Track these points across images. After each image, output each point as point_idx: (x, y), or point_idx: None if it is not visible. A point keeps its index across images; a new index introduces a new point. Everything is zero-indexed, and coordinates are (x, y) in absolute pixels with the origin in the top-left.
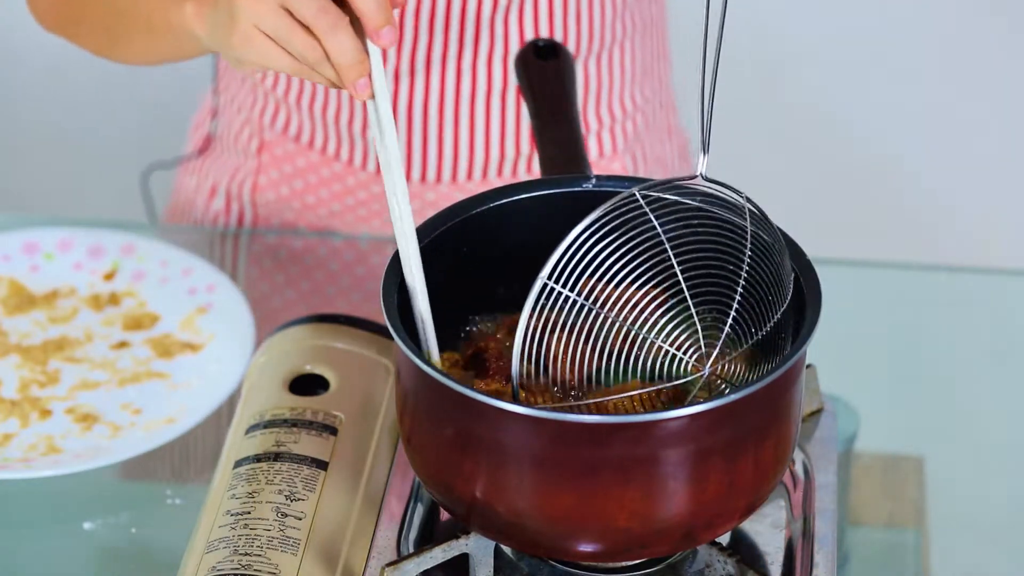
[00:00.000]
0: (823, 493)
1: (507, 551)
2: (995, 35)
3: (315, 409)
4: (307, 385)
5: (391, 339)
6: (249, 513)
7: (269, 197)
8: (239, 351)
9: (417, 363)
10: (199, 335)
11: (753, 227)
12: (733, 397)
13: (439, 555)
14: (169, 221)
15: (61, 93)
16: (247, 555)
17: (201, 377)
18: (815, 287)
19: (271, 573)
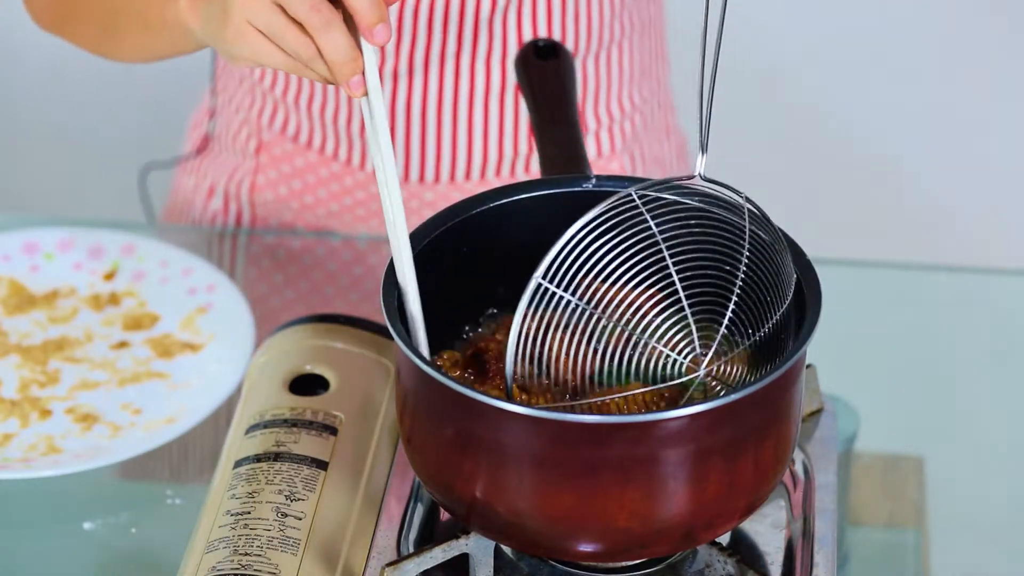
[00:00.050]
0: (823, 493)
1: (507, 551)
2: (995, 35)
3: (315, 409)
4: (307, 385)
5: (391, 339)
6: (249, 513)
7: (267, 197)
8: (239, 351)
9: (417, 363)
10: (199, 335)
11: (752, 227)
12: (733, 397)
13: (439, 555)
14: (167, 221)
15: (60, 93)
16: (247, 555)
17: (201, 377)
18: (815, 287)
19: (271, 573)
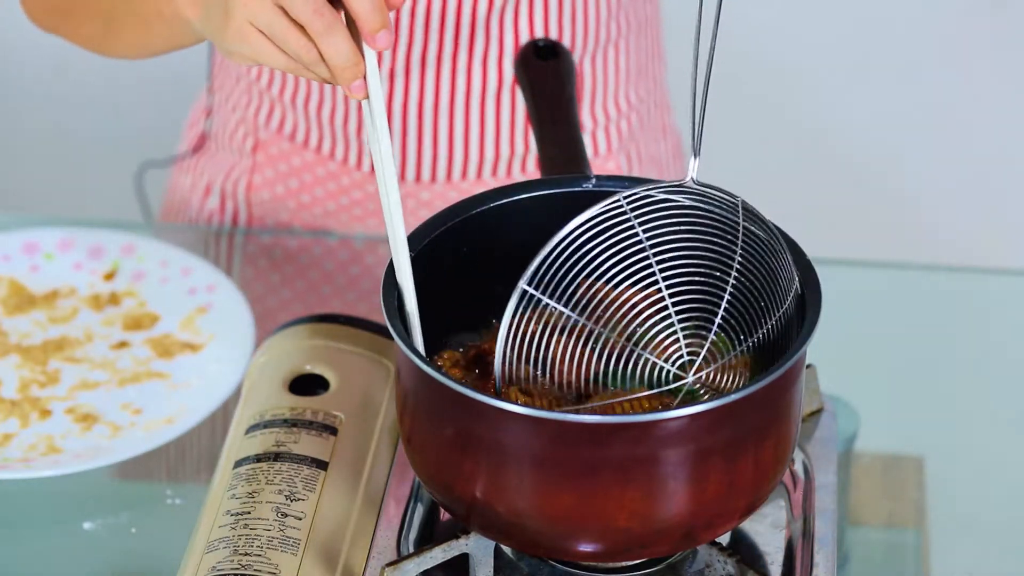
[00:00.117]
0: (823, 493)
1: (507, 551)
2: (995, 35)
3: (315, 409)
4: (307, 385)
5: (391, 339)
6: (249, 513)
7: (264, 196)
8: (239, 351)
9: (417, 363)
10: (199, 335)
11: (747, 230)
12: (733, 397)
13: (439, 555)
14: (164, 220)
15: (58, 92)
16: (247, 555)
17: (201, 377)
18: (815, 287)
19: (271, 573)
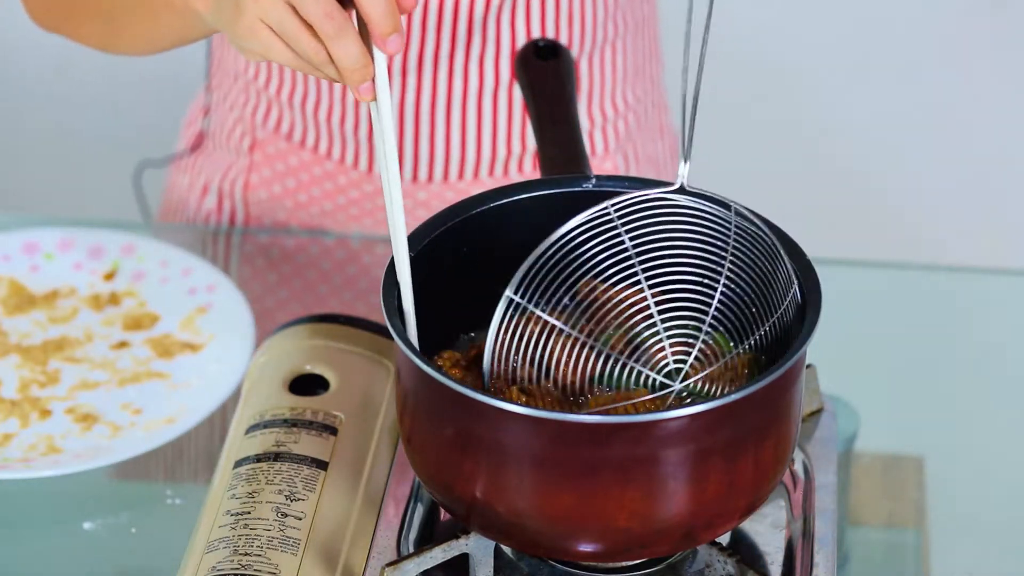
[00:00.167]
0: (823, 493)
1: (507, 551)
2: (995, 35)
3: (315, 409)
4: (307, 385)
5: (391, 339)
6: (249, 513)
7: (261, 195)
8: (239, 351)
9: (417, 363)
10: (199, 335)
11: (738, 236)
12: (733, 397)
13: (439, 555)
14: (162, 219)
15: (57, 92)
16: (247, 555)
17: (201, 377)
18: (815, 287)
19: (271, 573)
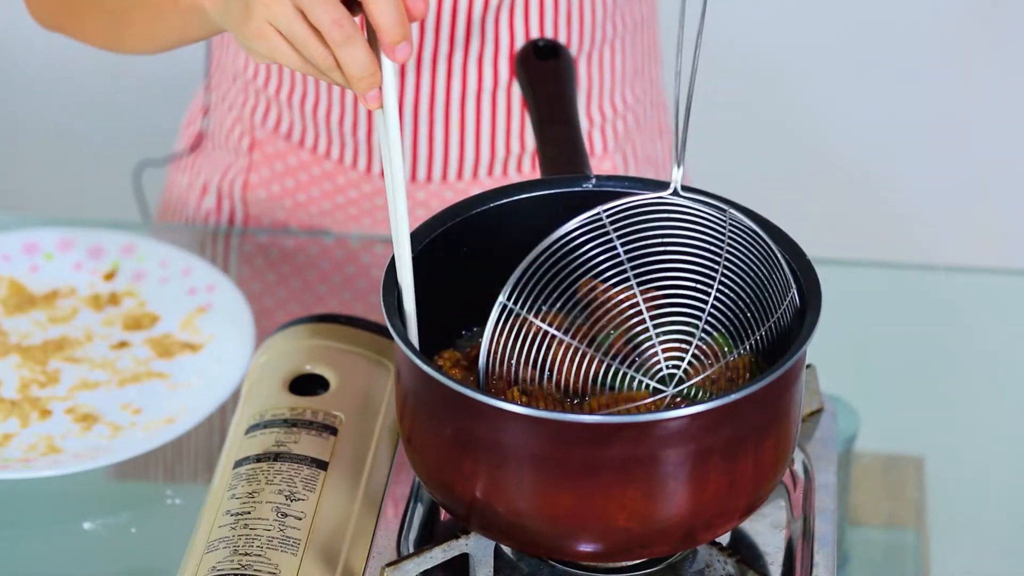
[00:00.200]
0: (823, 493)
1: (507, 551)
2: (995, 35)
3: (315, 409)
4: (307, 385)
5: (391, 339)
6: (249, 513)
7: (260, 195)
8: (239, 351)
9: (417, 363)
10: (199, 335)
11: (733, 239)
12: (733, 397)
13: (439, 555)
14: (161, 219)
15: (57, 91)
16: (247, 555)
17: (201, 377)
18: (815, 287)
19: (271, 573)
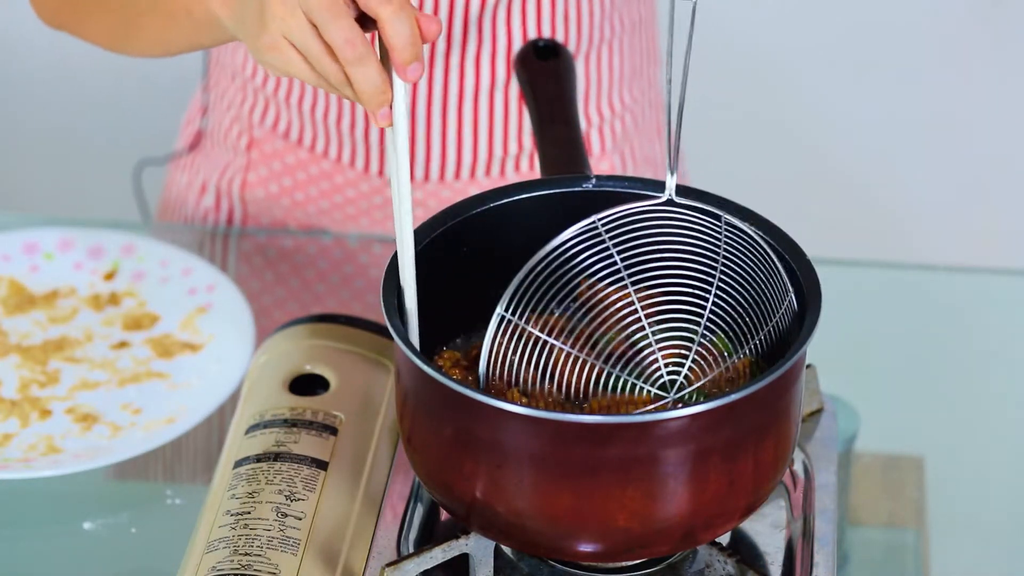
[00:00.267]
0: (823, 493)
1: (507, 551)
2: (995, 35)
3: (315, 409)
4: (307, 385)
5: (391, 339)
6: (249, 513)
7: (258, 194)
8: (239, 351)
9: (417, 363)
10: (199, 335)
11: (729, 244)
12: (733, 397)
13: (439, 555)
14: (161, 218)
15: (57, 91)
16: (247, 555)
17: (201, 377)
18: (815, 287)
19: (271, 573)
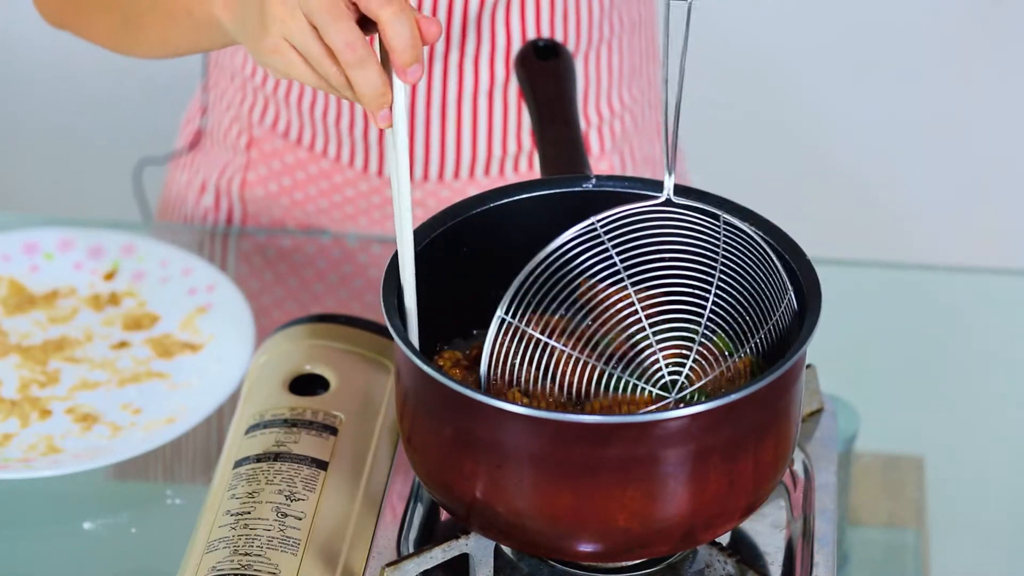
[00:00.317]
0: (823, 493)
1: (507, 551)
2: (995, 35)
3: (315, 409)
4: (307, 385)
5: (391, 339)
6: (249, 513)
7: (258, 193)
8: (239, 351)
9: (417, 363)
10: (199, 335)
11: (728, 243)
12: (733, 397)
13: (439, 555)
14: (160, 217)
15: (57, 91)
16: (247, 555)
17: (201, 377)
18: (815, 287)
19: (271, 573)
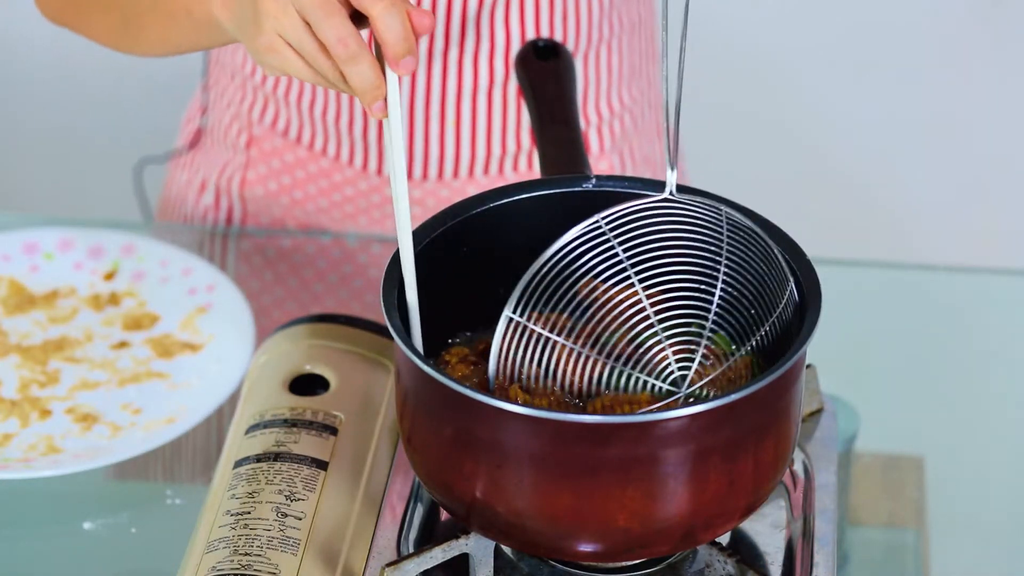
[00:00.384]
0: (823, 493)
1: (507, 551)
2: (995, 35)
3: (315, 409)
4: (307, 385)
5: (391, 339)
6: (249, 513)
7: (257, 192)
8: (239, 351)
9: (417, 363)
10: (199, 335)
11: (731, 239)
12: (733, 397)
13: (439, 555)
14: (161, 216)
15: (57, 90)
16: (247, 555)
17: (201, 377)
18: (815, 287)
19: (271, 573)
